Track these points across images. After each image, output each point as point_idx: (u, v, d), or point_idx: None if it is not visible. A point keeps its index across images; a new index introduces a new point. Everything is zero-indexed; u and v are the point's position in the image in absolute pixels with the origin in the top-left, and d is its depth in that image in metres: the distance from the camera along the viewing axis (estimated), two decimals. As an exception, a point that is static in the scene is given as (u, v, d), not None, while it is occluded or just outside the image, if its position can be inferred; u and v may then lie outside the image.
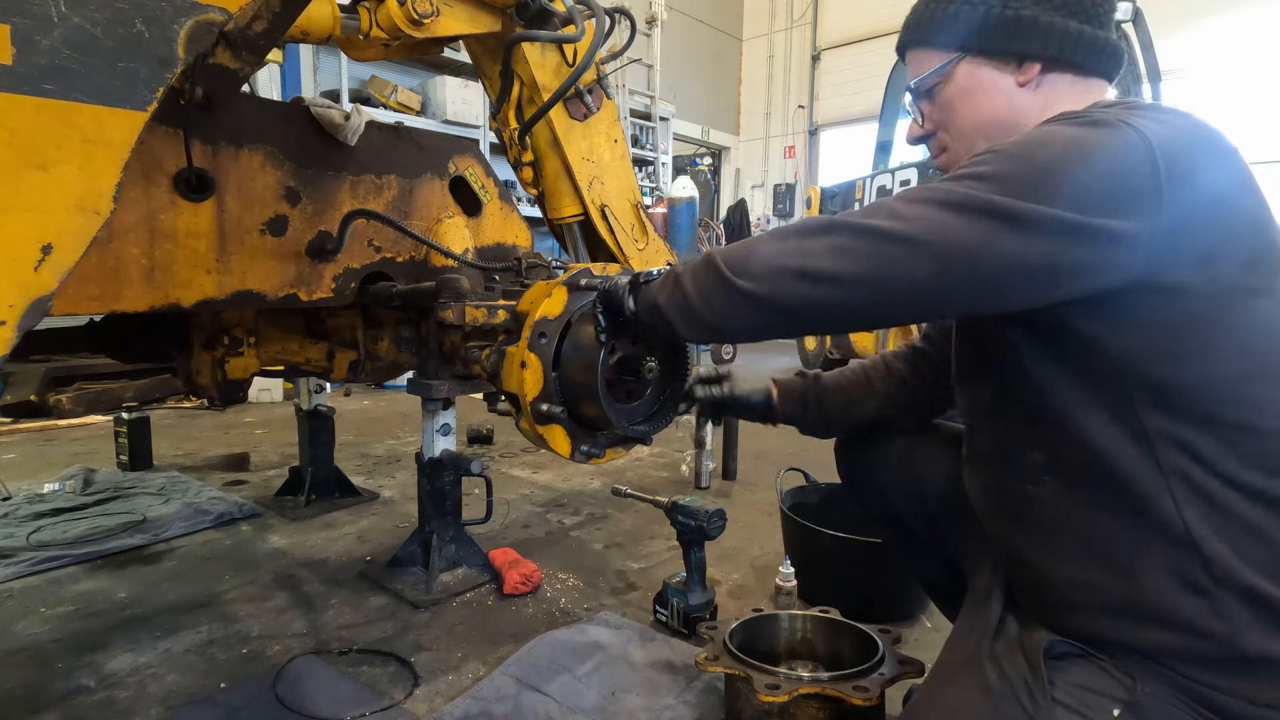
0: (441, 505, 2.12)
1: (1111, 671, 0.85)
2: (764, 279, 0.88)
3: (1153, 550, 0.83)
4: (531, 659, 1.69)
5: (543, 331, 1.28)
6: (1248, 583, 0.79)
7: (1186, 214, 0.76)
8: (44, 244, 0.78)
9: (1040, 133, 0.84)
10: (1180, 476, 0.81)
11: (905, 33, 1.06)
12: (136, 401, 2.43)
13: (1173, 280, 0.78)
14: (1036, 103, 0.96)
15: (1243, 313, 0.80)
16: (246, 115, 1.61)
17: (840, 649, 1.56)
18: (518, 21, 1.86)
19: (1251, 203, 0.82)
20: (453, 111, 5.89)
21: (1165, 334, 0.80)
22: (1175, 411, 0.81)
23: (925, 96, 1.04)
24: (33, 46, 0.74)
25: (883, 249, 0.82)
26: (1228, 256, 0.79)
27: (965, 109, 1.00)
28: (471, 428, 3.93)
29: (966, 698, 0.92)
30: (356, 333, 2.12)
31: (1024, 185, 0.77)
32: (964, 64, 0.99)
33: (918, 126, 1.08)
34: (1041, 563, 0.93)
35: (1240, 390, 0.80)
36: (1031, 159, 0.80)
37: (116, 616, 1.93)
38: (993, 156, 0.82)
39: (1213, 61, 7.14)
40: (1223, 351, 0.80)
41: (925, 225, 0.81)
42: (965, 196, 0.80)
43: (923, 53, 1.03)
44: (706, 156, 11.40)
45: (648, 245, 2.20)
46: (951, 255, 0.80)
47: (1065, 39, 0.93)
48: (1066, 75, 0.96)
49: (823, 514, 2.11)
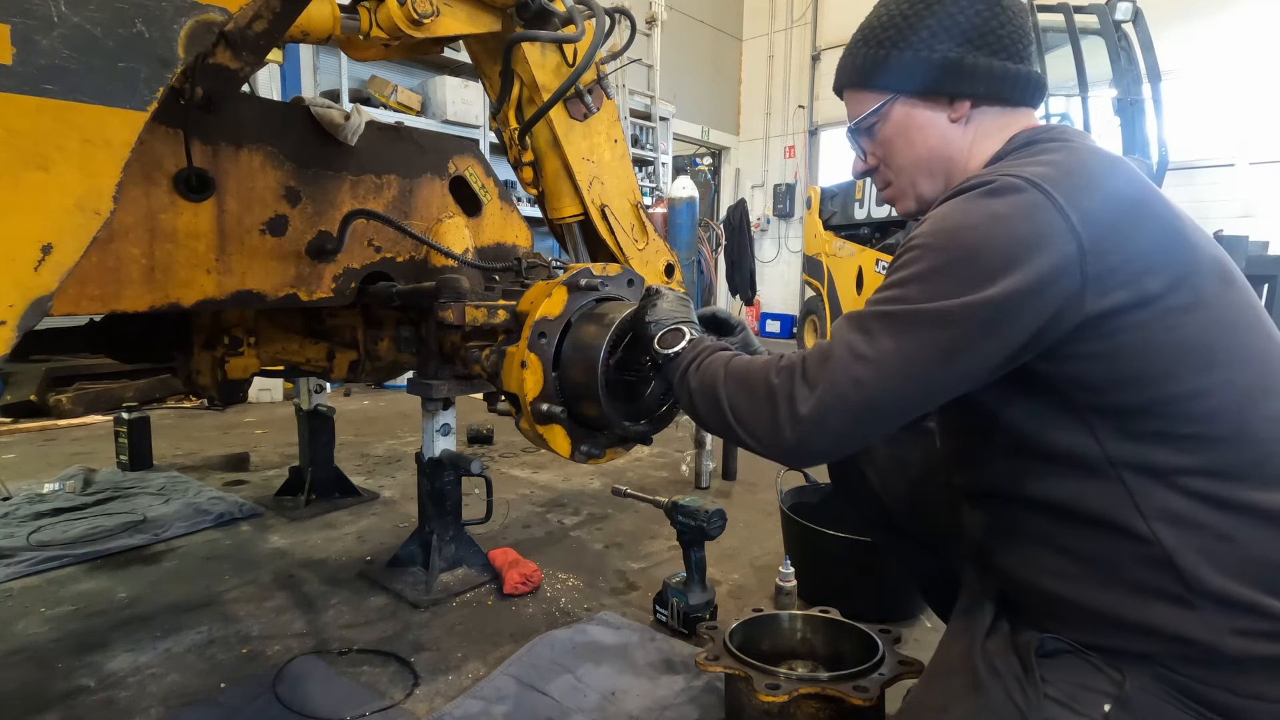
0: (441, 505, 2.12)
1: (1101, 667, 0.87)
2: (770, 444, 0.94)
3: (1131, 565, 0.86)
4: (531, 659, 1.69)
5: (543, 331, 1.28)
6: (1224, 589, 0.81)
7: (1102, 242, 0.82)
8: (44, 244, 0.78)
9: (955, 216, 0.88)
10: (1146, 495, 0.84)
11: (840, 76, 1.12)
12: (136, 401, 2.43)
13: (1110, 307, 0.82)
14: (968, 136, 1.03)
15: (1179, 331, 0.84)
16: (246, 115, 1.61)
17: (840, 649, 1.56)
18: (518, 21, 1.86)
19: (1159, 217, 0.87)
20: (453, 111, 5.88)
21: (1111, 363, 0.84)
22: (1132, 434, 0.85)
23: (866, 134, 1.10)
24: (33, 46, 0.74)
25: (863, 397, 0.87)
26: (1154, 275, 0.83)
27: (903, 146, 1.06)
28: (471, 428, 3.93)
29: (959, 695, 0.94)
30: (356, 333, 2.12)
31: (964, 276, 0.84)
32: (898, 104, 1.05)
33: (861, 162, 1.15)
34: (1028, 579, 0.96)
35: (1189, 405, 0.84)
36: (958, 249, 0.85)
37: (116, 616, 1.93)
38: (922, 253, 0.87)
39: (1212, 61, 7.13)
40: (1167, 371, 0.84)
41: (898, 358, 0.86)
42: (917, 315, 0.85)
43: (859, 94, 1.09)
44: (706, 156, 11.39)
45: (648, 245, 2.20)
46: (926, 372, 0.86)
47: (990, 78, 1.00)
48: (994, 108, 1.02)
49: (823, 514, 2.11)
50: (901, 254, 0.91)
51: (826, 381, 0.88)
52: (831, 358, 0.89)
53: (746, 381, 0.98)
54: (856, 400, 0.87)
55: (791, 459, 0.95)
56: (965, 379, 0.88)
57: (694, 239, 6.00)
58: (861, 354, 0.87)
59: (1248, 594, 0.81)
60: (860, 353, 0.87)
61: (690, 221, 5.90)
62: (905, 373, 0.86)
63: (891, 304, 0.88)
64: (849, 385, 0.87)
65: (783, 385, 0.92)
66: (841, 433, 0.90)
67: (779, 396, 0.92)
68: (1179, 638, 0.82)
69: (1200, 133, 7.19)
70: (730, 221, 7.01)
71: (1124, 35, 5.18)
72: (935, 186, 1.07)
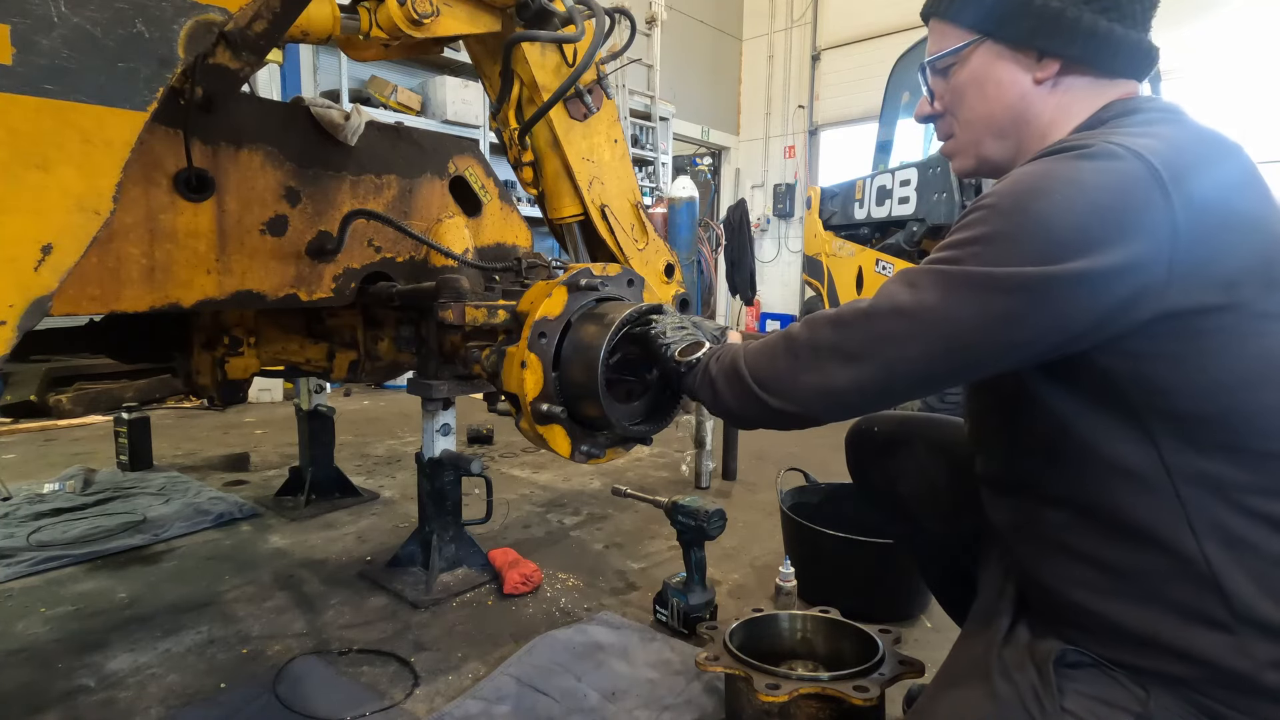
0: (441, 505, 2.12)
1: (1124, 683, 0.82)
2: (796, 399, 0.90)
3: (1173, 584, 0.80)
4: (531, 659, 1.69)
5: (543, 331, 1.28)
6: (1271, 618, 0.76)
7: (1202, 235, 0.73)
8: (44, 244, 0.78)
9: (1033, 178, 0.78)
10: (1201, 510, 0.78)
11: (929, 1, 1.02)
12: (136, 401, 2.43)
13: (1194, 307, 0.74)
14: (1050, 102, 0.92)
15: (1265, 340, 0.76)
16: (246, 115, 1.61)
17: (840, 649, 1.56)
18: (518, 21, 1.86)
19: (1266, 214, 0.79)
20: (453, 111, 5.88)
21: (1186, 366, 0.76)
22: (1197, 444, 0.78)
23: (939, 74, 1.00)
24: (33, 47, 0.74)
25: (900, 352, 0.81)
26: (1249, 280, 0.75)
27: (976, 98, 0.96)
28: (471, 428, 3.93)
29: (972, 703, 0.89)
30: (356, 333, 2.12)
31: (1028, 247, 0.75)
32: (982, 49, 0.94)
33: (928, 105, 1.04)
34: (1059, 588, 0.90)
35: (1264, 421, 0.77)
36: (1029, 215, 0.76)
37: (116, 616, 1.93)
38: (988, 215, 0.79)
39: (1212, 61, 7.13)
40: (1245, 381, 0.76)
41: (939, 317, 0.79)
42: (968, 276, 0.78)
43: (943, 26, 0.98)
44: (706, 156, 11.38)
45: (648, 245, 2.20)
46: (966, 338, 0.79)
47: (1091, 40, 0.88)
48: (1086, 77, 0.91)
49: (823, 514, 2.11)
50: (969, 213, 0.82)
51: (861, 330, 0.83)
52: (870, 308, 0.84)
53: (766, 346, 0.94)
54: (890, 354, 0.82)
55: (816, 411, 0.89)
56: (1010, 356, 0.80)
57: (694, 239, 6.00)
58: (901, 306, 0.81)
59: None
60: (900, 304, 0.81)
61: (690, 221, 5.90)
62: (945, 333, 0.79)
63: (945, 263, 0.80)
64: (883, 337, 0.82)
65: (810, 335, 0.88)
66: (868, 389, 0.85)
67: (801, 348, 0.88)
68: (1215, 664, 0.77)
69: (1200, 133, 7.19)
70: (730, 221, 7.00)
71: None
72: (1003, 150, 0.97)
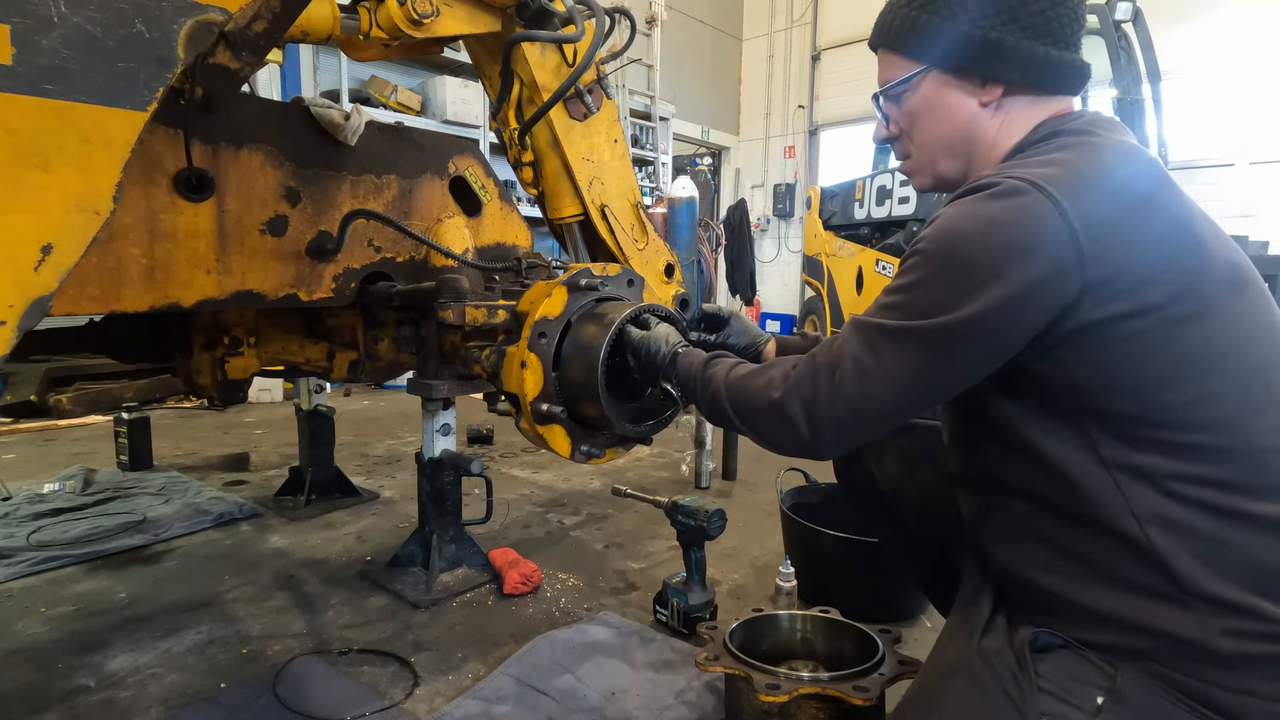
0: (441, 505, 2.12)
1: (1094, 661, 0.88)
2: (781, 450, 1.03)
3: (1126, 567, 0.86)
4: (532, 659, 1.69)
5: (543, 331, 1.28)
6: (1215, 591, 0.82)
7: (1104, 251, 0.82)
8: (44, 244, 0.78)
9: (954, 220, 0.88)
10: (1139, 499, 0.85)
11: (878, 33, 1.09)
12: (136, 401, 2.43)
13: (1109, 315, 0.83)
14: (995, 122, 1.01)
15: (1179, 342, 0.84)
16: (246, 115, 1.61)
17: (840, 649, 1.56)
18: (518, 21, 1.86)
19: (1175, 223, 0.86)
20: (453, 111, 5.87)
21: (1109, 369, 0.85)
22: (1128, 439, 0.86)
23: (892, 101, 1.08)
24: (33, 46, 0.74)
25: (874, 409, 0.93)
26: (1158, 288, 0.83)
27: (928, 122, 1.05)
28: (471, 428, 3.93)
29: (955, 690, 0.95)
30: (356, 333, 2.12)
31: (955, 286, 0.86)
32: (930, 77, 1.02)
33: (884, 128, 1.12)
34: (1029, 576, 0.96)
35: (1186, 414, 0.84)
36: (953, 255, 0.87)
37: (116, 616, 1.93)
38: (921, 260, 0.90)
39: (1212, 61, 7.12)
40: (1165, 380, 0.84)
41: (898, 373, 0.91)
42: (915, 331, 0.88)
43: (892, 57, 1.06)
44: (706, 156, 11.38)
45: (648, 245, 2.20)
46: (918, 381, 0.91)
47: (1030, 65, 0.97)
48: (1026, 97, 1.00)
49: (823, 514, 2.11)
50: (907, 257, 0.93)
51: (841, 396, 0.93)
52: (842, 374, 0.94)
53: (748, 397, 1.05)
54: (868, 410, 0.93)
55: (811, 457, 1.02)
56: (966, 379, 0.92)
57: (694, 239, 5.99)
58: (868, 371, 0.91)
59: (1239, 596, 0.82)
60: (867, 370, 0.92)
61: (690, 221, 5.89)
62: (911, 382, 0.91)
63: (893, 316, 0.91)
64: (860, 399, 0.92)
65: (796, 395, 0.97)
66: (856, 435, 0.97)
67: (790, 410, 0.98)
68: (1171, 636, 0.84)
69: (1200, 133, 7.17)
70: (730, 221, 7.00)
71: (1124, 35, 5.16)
72: (955, 168, 1.06)
